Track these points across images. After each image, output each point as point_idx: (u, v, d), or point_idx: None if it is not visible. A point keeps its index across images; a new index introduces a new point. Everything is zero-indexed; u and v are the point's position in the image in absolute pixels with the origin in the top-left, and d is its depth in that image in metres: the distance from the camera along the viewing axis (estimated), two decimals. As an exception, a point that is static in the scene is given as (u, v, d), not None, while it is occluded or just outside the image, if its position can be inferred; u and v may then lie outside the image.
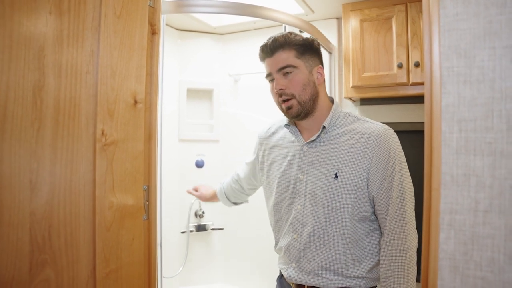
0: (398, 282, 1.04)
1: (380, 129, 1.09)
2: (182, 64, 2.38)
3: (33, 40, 0.73)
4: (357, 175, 1.07)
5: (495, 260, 0.62)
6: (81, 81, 0.81)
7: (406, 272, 1.04)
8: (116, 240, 0.89)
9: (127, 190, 0.92)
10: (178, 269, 2.23)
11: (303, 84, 1.11)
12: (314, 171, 1.12)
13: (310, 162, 1.14)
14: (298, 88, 1.10)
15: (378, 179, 1.06)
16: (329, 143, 1.13)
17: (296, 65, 1.11)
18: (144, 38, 0.97)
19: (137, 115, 0.96)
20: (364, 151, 1.07)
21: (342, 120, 1.15)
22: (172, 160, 2.29)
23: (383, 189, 1.07)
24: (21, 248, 0.71)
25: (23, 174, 0.71)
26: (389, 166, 1.06)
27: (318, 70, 1.15)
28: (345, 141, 1.11)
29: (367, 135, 1.08)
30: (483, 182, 0.63)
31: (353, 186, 1.07)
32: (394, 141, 1.09)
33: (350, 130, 1.12)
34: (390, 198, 1.06)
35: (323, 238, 1.10)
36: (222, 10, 1.54)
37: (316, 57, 1.16)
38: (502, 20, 0.62)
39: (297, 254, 1.15)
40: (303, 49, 1.12)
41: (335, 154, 1.10)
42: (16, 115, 0.70)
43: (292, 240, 1.16)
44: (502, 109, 0.62)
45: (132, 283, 0.94)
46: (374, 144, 1.07)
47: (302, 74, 1.11)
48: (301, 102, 1.11)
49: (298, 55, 1.12)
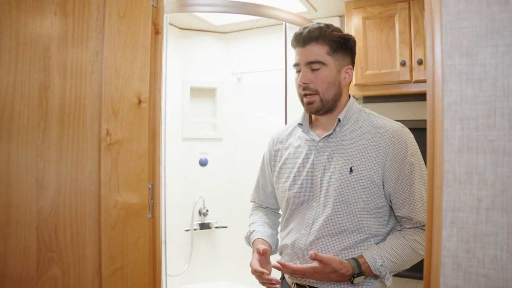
0: (403, 245, 1.04)
1: (396, 126, 1.10)
2: (185, 63, 2.39)
3: (38, 41, 0.74)
4: (372, 170, 1.06)
5: (498, 257, 0.63)
6: (86, 81, 0.82)
7: (414, 247, 1.04)
8: (121, 238, 0.90)
9: (131, 189, 0.93)
10: (182, 267, 2.24)
11: (328, 82, 1.10)
12: (330, 166, 1.11)
13: (325, 158, 1.13)
14: (323, 86, 1.09)
15: (394, 176, 1.05)
16: (344, 137, 1.12)
17: (326, 62, 1.09)
18: (148, 38, 0.98)
19: (141, 115, 0.97)
20: (380, 147, 1.07)
21: (357, 115, 1.15)
22: (176, 159, 2.31)
23: (400, 186, 1.05)
24: (29, 246, 0.72)
25: (30, 174, 0.72)
26: (406, 163, 1.05)
27: (347, 70, 1.13)
28: (361, 137, 1.10)
29: (382, 131, 1.08)
30: (485, 180, 0.63)
31: (368, 181, 1.06)
32: (410, 139, 1.09)
33: (366, 126, 1.12)
34: (412, 194, 1.05)
35: (331, 233, 1.09)
36: (225, 9, 1.54)
37: (349, 56, 1.14)
38: (505, 18, 0.62)
39: (303, 251, 1.12)
40: (337, 46, 1.10)
41: (350, 149, 1.09)
42: (23, 116, 0.71)
43: (299, 237, 1.13)
44: (504, 107, 0.62)
45: (137, 281, 0.95)
46: (390, 140, 1.06)
47: (329, 72, 1.10)
48: (323, 99, 1.10)
49: (330, 52, 1.09)
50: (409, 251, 1.04)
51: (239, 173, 2.37)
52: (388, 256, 1.03)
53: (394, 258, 1.03)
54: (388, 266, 1.03)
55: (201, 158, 2.41)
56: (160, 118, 1.06)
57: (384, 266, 1.02)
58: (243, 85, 2.45)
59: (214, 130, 2.46)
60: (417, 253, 1.04)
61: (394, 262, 1.03)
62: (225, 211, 2.41)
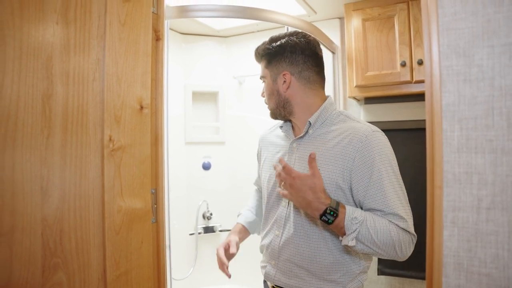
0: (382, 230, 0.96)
1: (366, 130, 1.04)
2: (187, 67, 2.41)
3: (41, 50, 0.75)
4: (338, 175, 1.03)
5: (499, 256, 0.63)
6: (88, 89, 0.83)
7: (394, 237, 0.96)
8: (125, 243, 0.91)
9: (135, 194, 0.94)
10: (187, 270, 2.25)
11: (268, 94, 1.18)
12: (299, 167, 1.11)
13: (296, 158, 1.13)
14: (266, 97, 1.20)
15: (363, 182, 1.01)
16: (316, 140, 1.11)
17: (265, 75, 1.18)
18: (149, 45, 0.99)
19: (143, 120, 0.98)
20: (346, 151, 1.03)
21: (333, 118, 1.13)
22: (179, 163, 2.32)
23: (370, 194, 1.00)
24: (34, 252, 0.73)
25: (34, 181, 0.73)
26: (374, 170, 1.00)
27: (284, 76, 1.13)
28: (331, 139, 1.08)
29: (351, 135, 1.04)
30: (485, 179, 0.64)
31: (333, 186, 1.03)
32: (380, 143, 1.03)
33: (338, 128, 1.09)
34: (384, 202, 0.99)
35: (302, 236, 1.07)
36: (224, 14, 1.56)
37: (283, 62, 1.13)
38: (500, 18, 0.63)
39: (277, 252, 1.13)
40: (270, 57, 1.16)
41: (319, 152, 1.08)
42: (27, 123, 0.72)
43: (274, 237, 1.15)
44: (502, 106, 0.63)
45: (142, 285, 0.96)
46: (358, 145, 1.02)
47: (267, 85, 1.18)
48: (270, 109, 1.20)
49: (267, 64, 1.17)
50: (387, 236, 0.96)
51: (242, 176, 2.38)
52: (366, 220, 0.96)
53: (370, 227, 0.96)
54: (361, 227, 0.95)
55: (204, 162, 2.41)
56: (162, 123, 1.07)
57: (359, 221, 0.95)
58: (244, 88, 2.46)
59: (216, 133, 2.47)
60: (393, 244, 0.96)
61: (368, 229, 0.95)
62: (229, 214, 2.41)
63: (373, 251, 0.98)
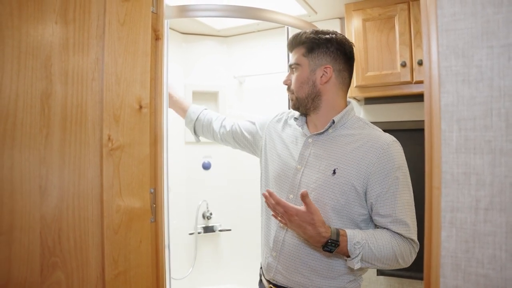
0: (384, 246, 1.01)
1: (387, 139, 1.08)
2: (187, 67, 2.40)
3: (40, 50, 0.75)
4: (355, 176, 1.06)
5: (497, 257, 0.63)
6: (87, 88, 0.83)
7: (396, 251, 1.01)
8: (124, 242, 0.91)
9: (134, 194, 0.94)
10: (187, 270, 2.25)
11: (301, 82, 1.16)
12: (313, 163, 1.12)
13: (311, 154, 1.14)
14: (296, 85, 1.17)
15: (378, 187, 1.05)
16: (334, 140, 1.13)
17: (300, 63, 1.15)
18: (148, 44, 0.99)
19: (143, 120, 0.98)
20: (367, 155, 1.06)
21: (353, 123, 1.15)
22: (179, 163, 2.32)
23: (383, 198, 1.04)
24: (33, 251, 0.73)
25: (33, 180, 0.73)
26: (391, 177, 1.04)
27: (325, 69, 1.14)
28: (351, 143, 1.10)
29: (373, 142, 1.08)
30: (483, 180, 0.64)
31: (349, 186, 1.06)
32: (398, 154, 1.08)
33: (358, 133, 1.12)
34: (394, 208, 1.03)
35: None
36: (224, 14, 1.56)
37: (327, 56, 1.14)
38: (499, 19, 0.63)
39: (280, 244, 1.14)
40: (312, 47, 1.14)
41: (338, 152, 1.10)
42: (25, 123, 0.72)
43: (278, 229, 1.16)
44: (501, 107, 0.63)
45: (140, 285, 0.96)
46: (379, 152, 1.06)
47: (302, 73, 1.15)
48: (298, 98, 1.17)
49: (306, 53, 1.15)
50: (390, 251, 1.01)
51: (242, 175, 2.38)
52: (368, 241, 1.01)
53: (373, 246, 1.00)
54: (364, 249, 1.00)
55: (204, 161, 2.41)
56: (162, 123, 1.07)
57: (361, 245, 0.99)
58: (245, 88, 2.46)
59: (216, 133, 2.47)
60: (395, 257, 1.02)
61: (371, 249, 1.00)
62: (229, 214, 2.41)
63: (377, 266, 1.04)
